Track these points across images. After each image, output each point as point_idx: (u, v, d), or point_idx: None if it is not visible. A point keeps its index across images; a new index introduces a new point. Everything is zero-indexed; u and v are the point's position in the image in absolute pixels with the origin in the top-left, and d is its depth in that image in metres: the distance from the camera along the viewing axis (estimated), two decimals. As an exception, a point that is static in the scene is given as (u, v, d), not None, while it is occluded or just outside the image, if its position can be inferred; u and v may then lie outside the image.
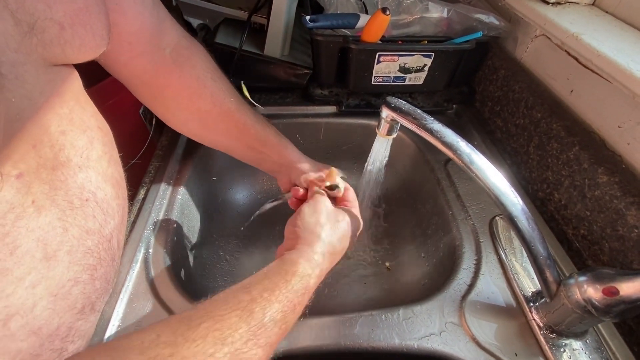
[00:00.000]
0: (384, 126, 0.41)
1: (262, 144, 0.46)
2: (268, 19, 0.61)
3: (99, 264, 0.28)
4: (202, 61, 0.44)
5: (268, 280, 0.29)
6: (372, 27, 0.54)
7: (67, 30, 0.24)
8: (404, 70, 0.61)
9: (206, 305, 0.26)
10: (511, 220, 0.33)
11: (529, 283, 0.43)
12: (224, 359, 0.23)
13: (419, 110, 0.37)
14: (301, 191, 0.44)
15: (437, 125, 0.35)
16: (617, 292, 0.30)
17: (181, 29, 0.43)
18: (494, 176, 0.33)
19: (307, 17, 0.57)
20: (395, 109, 0.37)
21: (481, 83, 0.67)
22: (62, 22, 0.23)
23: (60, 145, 0.24)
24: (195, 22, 0.70)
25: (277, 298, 0.28)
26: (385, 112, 0.38)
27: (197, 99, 0.43)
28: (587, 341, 0.38)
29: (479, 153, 0.34)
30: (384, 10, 0.52)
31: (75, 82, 0.27)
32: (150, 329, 0.23)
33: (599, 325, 0.39)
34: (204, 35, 0.69)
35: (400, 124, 0.39)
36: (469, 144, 0.34)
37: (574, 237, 0.47)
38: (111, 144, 0.30)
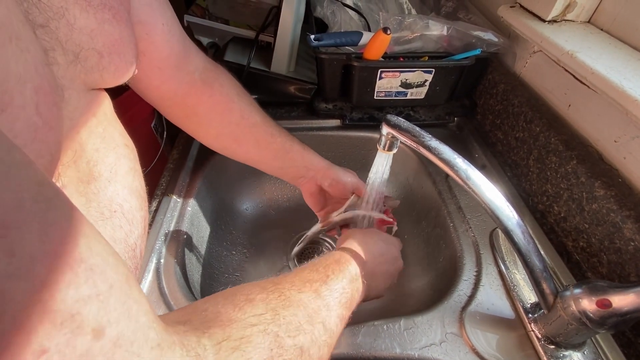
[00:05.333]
0: (385, 142, 0.43)
1: (288, 151, 0.49)
2: (275, 37, 0.64)
3: None
4: (228, 80, 0.48)
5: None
6: (374, 46, 0.56)
7: (105, 58, 0.27)
8: (406, 85, 0.63)
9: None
10: (507, 234, 0.34)
11: (529, 294, 0.44)
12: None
13: (417, 128, 0.38)
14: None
15: (434, 143, 0.37)
16: (609, 304, 0.31)
17: (205, 55, 0.47)
18: (490, 191, 0.34)
19: (312, 36, 0.59)
20: (394, 126, 0.39)
21: (482, 96, 0.68)
22: (101, 51, 0.26)
23: (95, 162, 0.27)
24: (205, 40, 0.73)
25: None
26: (385, 130, 0.40)
27: (227, 114, 0.46)
28: (585, 352, 0.38)
29: (475, 169, 0.35)
30: (385, 30, 0.54)
31: (107, 104, 0.30)
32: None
33: (598, 337, 0.40)
34: (214, 53, 0.72)
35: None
36: (466, 160, 0.36)
37: (574, 249, 0.48)
38: (135, 159, 0.33)
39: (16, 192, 0.13)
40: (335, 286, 0.32)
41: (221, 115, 0.46)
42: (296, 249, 0.55)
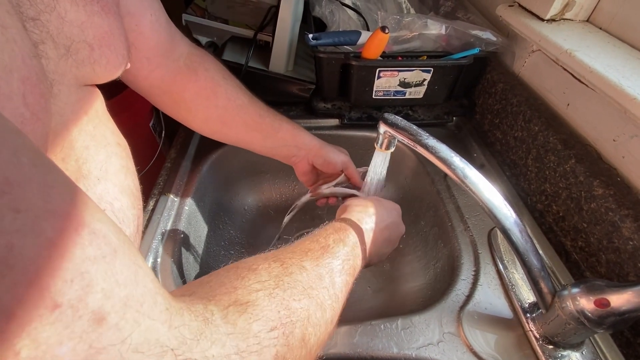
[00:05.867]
0: (382, 141, 0.42)
1: (277, 130, 0.49)
2: (273, 36, 0.64)
3: None
4: (213, 64, 0.48)
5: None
6: (372, 44, 0.56)
7: (96, 51, 0.27)
8: (404, 84, 0.63)
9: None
10: (504, 233, 0.34)
11: (527, 294, 0.44)
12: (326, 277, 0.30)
13: (414, 126, 0.38)
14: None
15: (432, 141, 0.37)
16: (608, 303, 0.31)
17: (189, 41, 0.47)
18: (487, 190, 0.34)
19: (310, 35, 0.59)
20: (391, 125, 0.39)
21: (481, 96, 0.68)
22: (92, 44, 0.26)
23: (84, 159, 0.26)
24: (203, 40, 0.73)
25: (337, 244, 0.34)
26: (383, 128, 0.40)
27: (213, 98, 0.46)
28: (584, 352, 0.38)
29: (472, 167, 0.35)
30: (383, 29, 0.54)
31: (99, 101, 0.30)
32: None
33: (596, 337, 0.40)
34: (212, 52, 0.72)
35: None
36: (463, 159, 0.35)
37: (572, 248, 0.48)
38: (128, 158, 0.33)
39: (14, 154, 0.13)
40: (337, 254, 0.33)
41: (207, 100, 0.46)
42: (286, 218, 0.55)
